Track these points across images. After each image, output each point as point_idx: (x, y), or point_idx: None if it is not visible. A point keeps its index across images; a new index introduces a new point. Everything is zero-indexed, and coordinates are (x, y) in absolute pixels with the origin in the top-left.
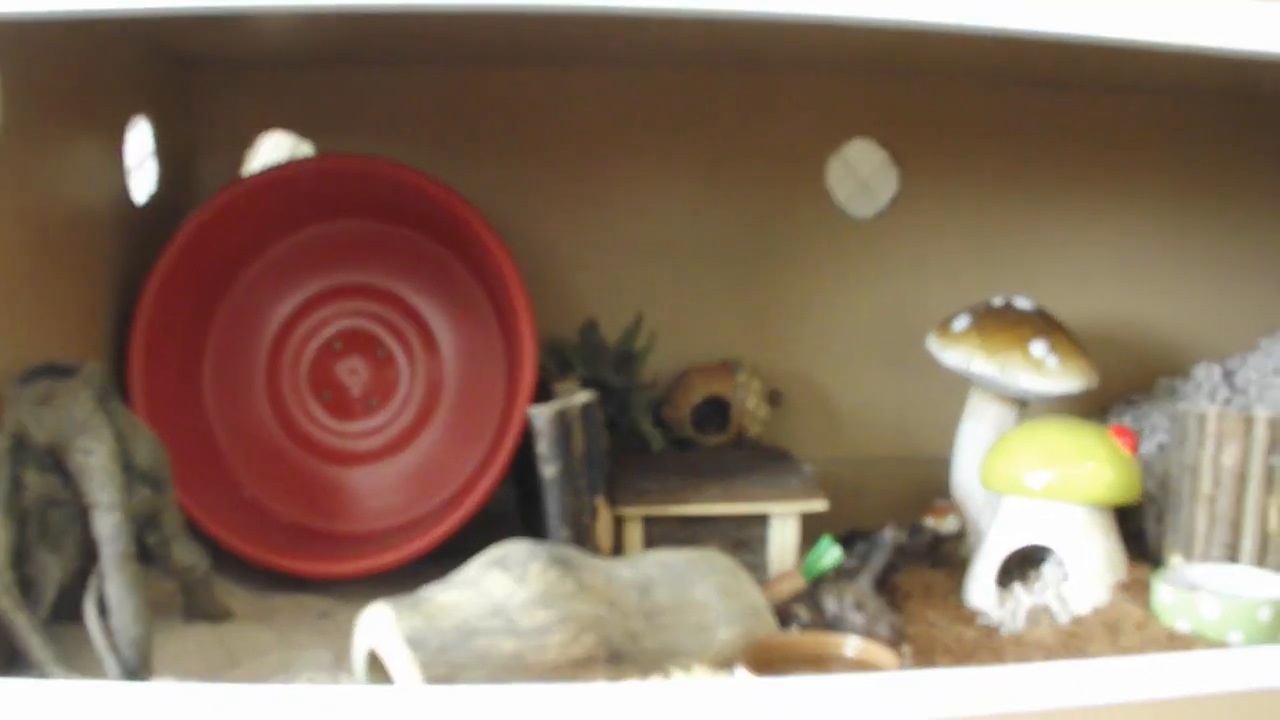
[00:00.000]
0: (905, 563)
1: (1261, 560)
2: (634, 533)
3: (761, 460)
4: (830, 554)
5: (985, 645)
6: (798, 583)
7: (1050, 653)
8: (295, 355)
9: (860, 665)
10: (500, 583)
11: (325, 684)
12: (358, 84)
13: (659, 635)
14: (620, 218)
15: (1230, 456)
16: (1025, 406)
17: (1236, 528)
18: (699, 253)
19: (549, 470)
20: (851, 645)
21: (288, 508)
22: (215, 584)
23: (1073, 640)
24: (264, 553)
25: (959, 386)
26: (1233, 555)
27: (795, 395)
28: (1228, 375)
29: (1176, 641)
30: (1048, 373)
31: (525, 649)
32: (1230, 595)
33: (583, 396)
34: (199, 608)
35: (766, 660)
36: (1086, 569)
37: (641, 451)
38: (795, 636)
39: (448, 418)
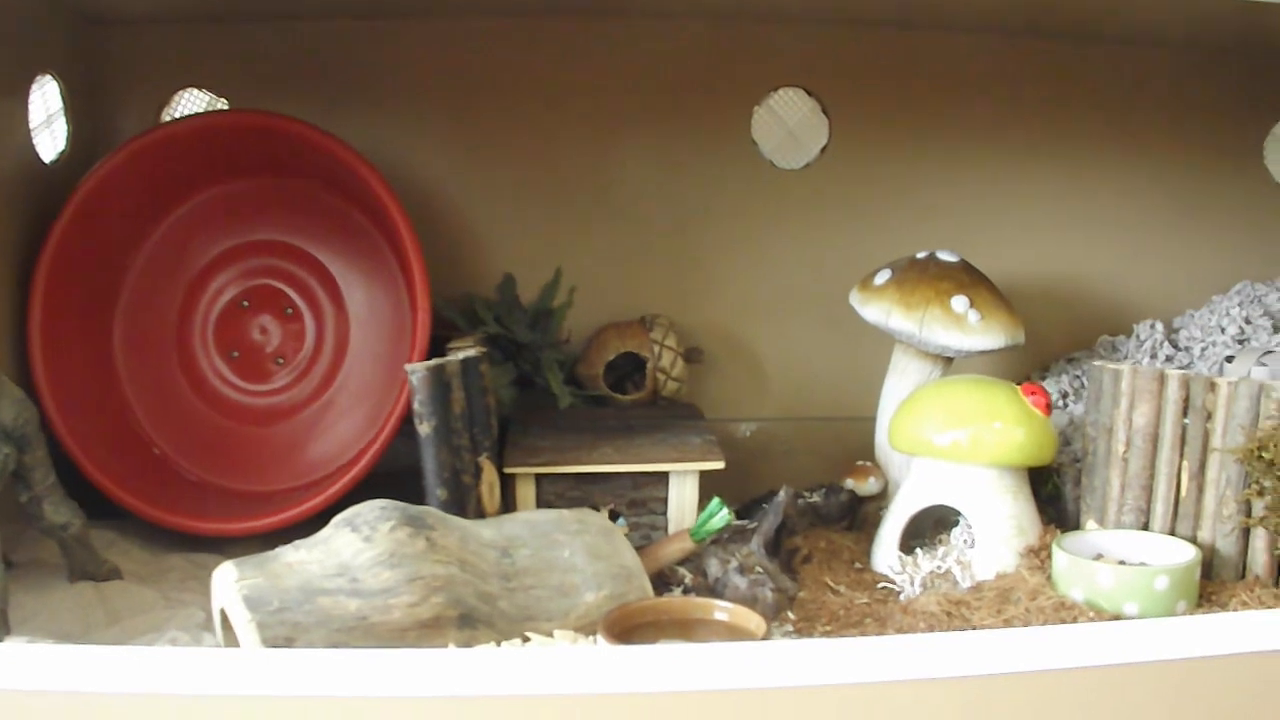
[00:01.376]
0: (819, 524)
1: (1173, 526)
2: (527, 491)
3: (669, 419)
4: (719, 516)
5: (872, 612)
6: (686, 545)
7: (934, 622)
8: (204, 314)
9: (729, 630)
10: (348, 542)
11: (185, 645)
12: (269, 40)
13: (518, 598)
14: (543, 173)
15: (1142, 416)
16: (950, 363)
17: (1149, 491)
18: (623, 207)
19: (423, 427)
20: (721, 610)
21: (196, 467)
22: (107, 543)
23: (958, 609)
24: (161, 512)
25: (889, 343)
26: (1145, 520)
27: (723, 353)
28: (1172, 333)
29: (1064, 612)
30: (968, 329)
31: (369, 610)
32: (1124, 564)
33: (467, 353)
34: (79, 566)
35: (630, 626)
36: (992, 533)
37: (550, 409)
38: (661, 601)
39: (354, 375)
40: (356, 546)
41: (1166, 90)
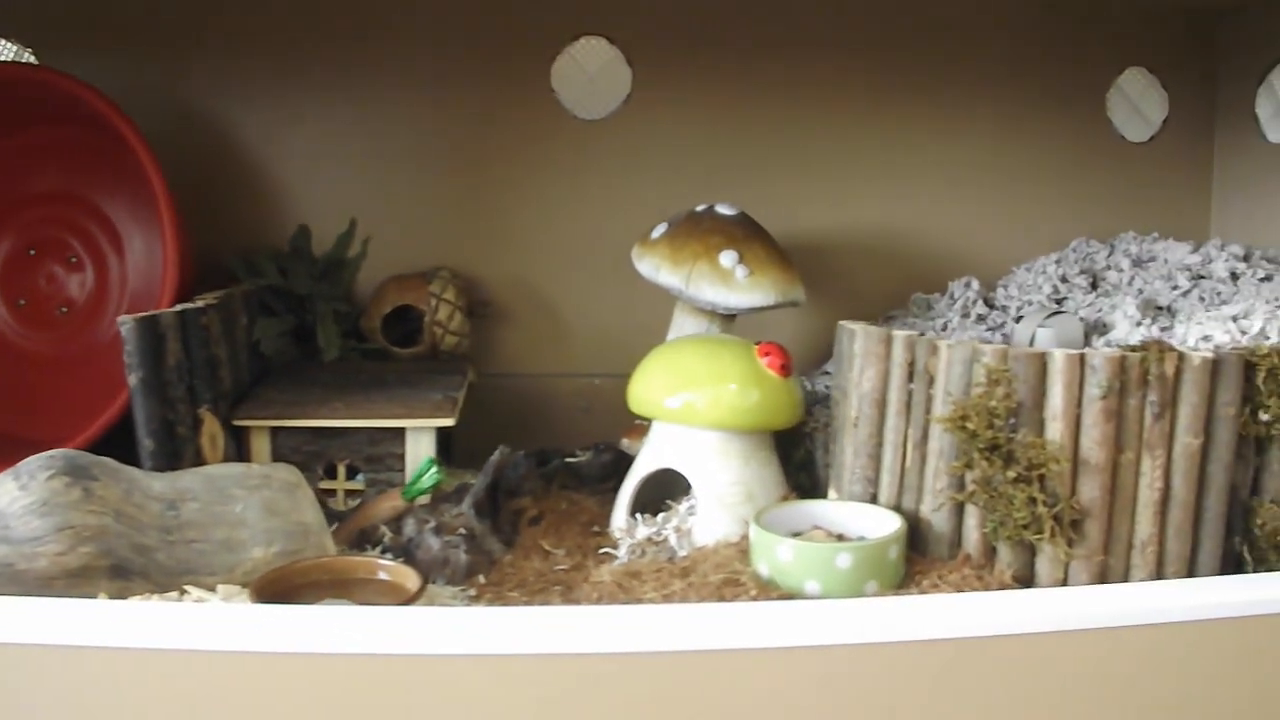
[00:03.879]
0: (577, 485)
1: (899, 499)
2: (261, 445)
3: (431, 374)
4: (429, 475)
5: (565, 580)
6: (397, 503)
7: (605, 593)
8: None
9: (389, 589)
10: (7, 490)
11: None
12: None
13: (178, 551)
14: (338, 122)
15: (869, 380)
16: (730, 320)
17: (877, 461)
18: (422, 159)
19: (132, 378)
20: (383, 569)
21: None
22: None
23: (630, 580)
24: None
25: None
26: (874, 491)
27: (521, 307)
28: (990, 292)
29: (728, 589)
30: (735, 285)
31: (16, 557)
32: (804, 541)
33: (191, 305)
34: None
35: (291, 585)
36: (717, 499)
37: (317, 361)
38: (324, 561)
39: None
40: (13, 494)
41: (1005, 41)
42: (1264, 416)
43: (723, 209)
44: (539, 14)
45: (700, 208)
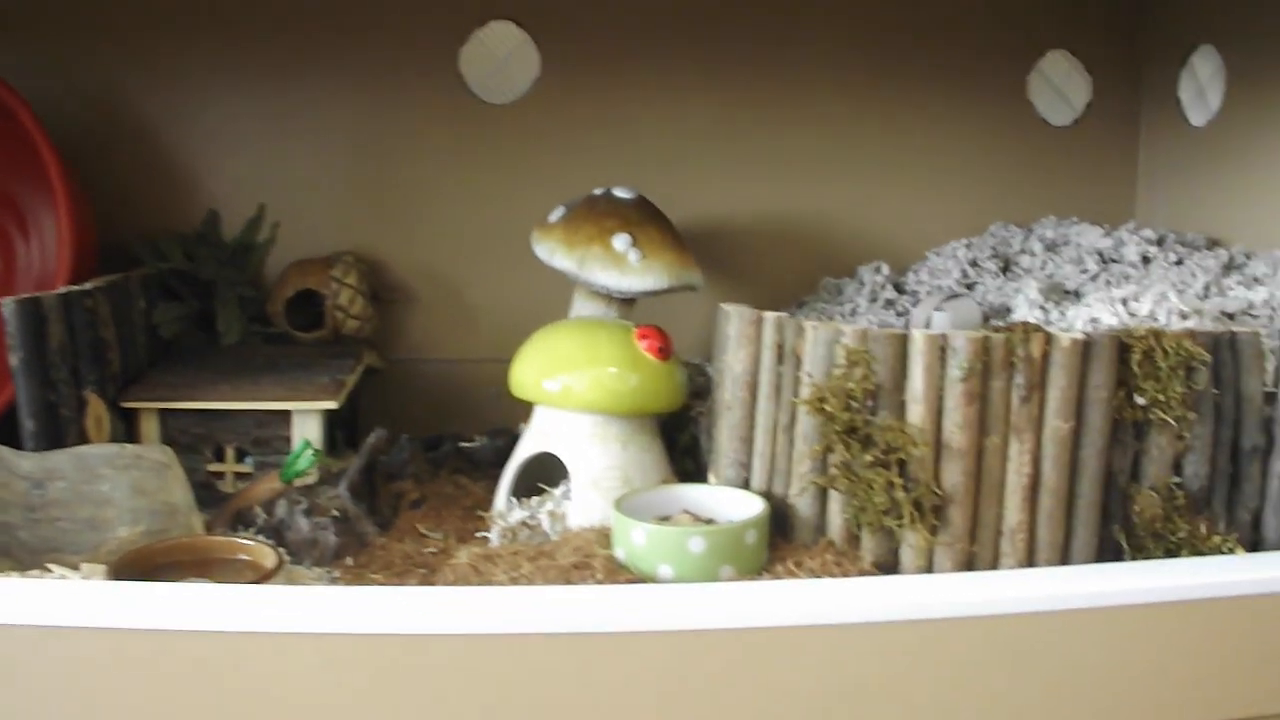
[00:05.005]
0: (470, 469)
1: (769, 483)
2: (150, 427)
3: (324, 358)
4: (305, 456)
5: (429, 563)
6: (275, 485)
7: (461, 576)
8: None
9: (250, 569)
10: None
11: None
12: None
13: (42, 529)
14: (248, 107)
15: (740, 362)
16: (630, 305)
17: (749, 444)
18: (330, 142)
19: (13, 359)
20: (243, 550)
21: None
22: None
23: (486, 564)
24: None
25: None
26: (746, 476)
27: (430, 291)
28: (901, 276)
29: (574, 573)
30: (628, 268)
31: None
32: (658, 525)
33: (75, 288)
34: None
35: (153, 565)
36: (592, 484)
37: (231, 346)
38: (186, 541)
39: None
40: None
41: (923, 22)
42: (1140, 400)
43: (620, 192)
44: None
45: (598, 191)
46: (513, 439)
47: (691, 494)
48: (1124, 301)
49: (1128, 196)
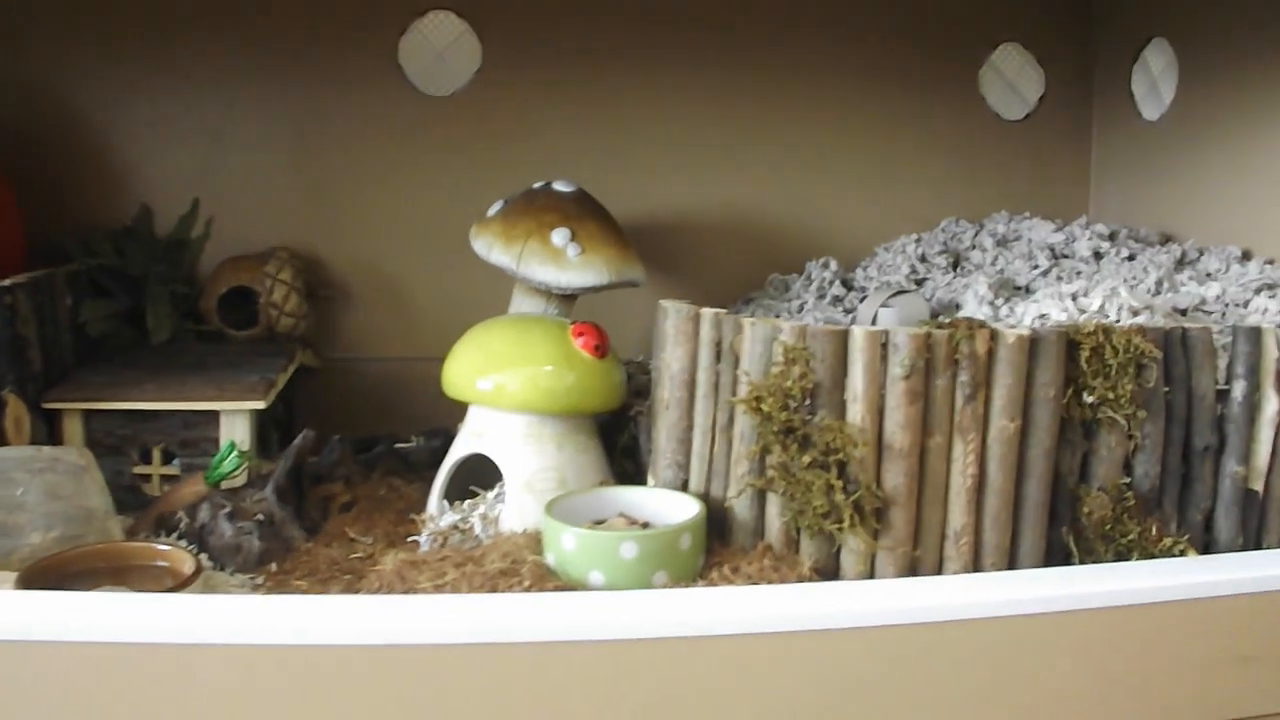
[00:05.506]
0: (405, 470)
1: (707, 484)
2: (74, 428)
3: (256, 356)
4: (230, 459)
5: (355, 569)
6: (200, 488)
7: (386, 583)
8: None
9: (168, 575)
10: None
11: None
12: None
13: None
14: (182, 99)
15: (678, 360)
16: (570, 301)
17: (687, 445)
18: (266, 136)
19: None
20: (161, 556)
21: None
22: None
23: (412, 570)
24: None
25: None
26: (684, 476)
27: (368, 288)
28: (850, 273)
29: (502, 579)
30: (566, 264)
31: None
32: (590, 529)
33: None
34: None
35: (67, 573)
36: (527, 485)
37: (162, 344)
38: (101, 548)
39: None
40: None
41: (874, 15)
42: (1088, 398)
43: (560, 186)
44: None
45: (537, 185)
46: (449, 440)
47: (628, 496)
48: (1074, 297)
49: (1081, 191)
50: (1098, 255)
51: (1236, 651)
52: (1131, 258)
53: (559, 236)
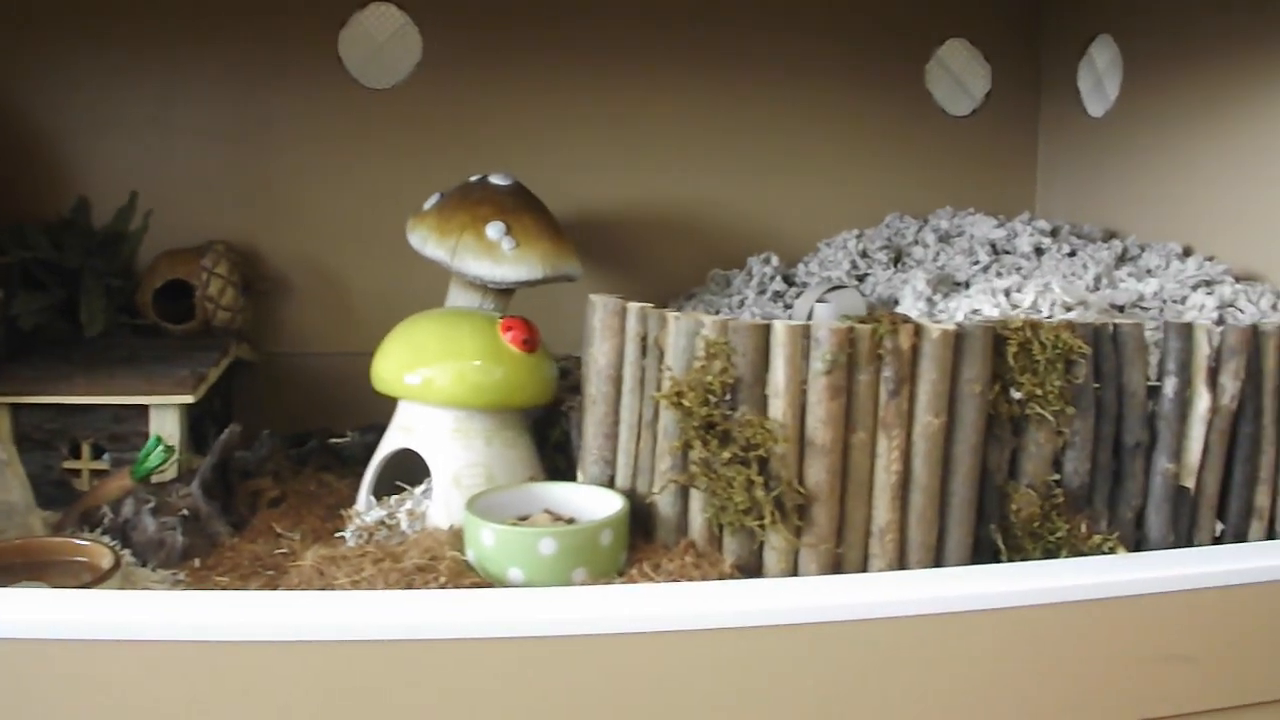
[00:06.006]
0: (338, 465)
1: (633, 480)
2: (1, 421)
3: (189, 350)
4: (155, 453)
5: (278, 564)
6: (125, 483)
7: (305, 579)
8: None
9: (88, 570)
10: None
11: None
12: None
13: None
14: (119, 90)
15: (604, 355)
16: (507, 296)
17: (613, 440)
18: (204, 127)
19: None
20: (80, 551)
21: None
22: None
23: (331, 566)
24: None
25: None
26: (611, 472)
27: (308, 282)
28: (792, 268)
29: (416, 575)
30: (500, 257)
31: None
32: (510, 525)
33: None
34: None
35: None
36: (453, 480)
37: (95, 338)
38: (19, 543)
39: None
40: None
41: (818, 8)
42: (1016, 395)
43: (496, 179)
44: None
45: (474, 178)
46: (383, 434)
47: (554, 492)
48: (1006, 292)
49: (1028, 187)
50: (1039, 251)
51: (1166, 649)
52: (1073, 254)
53: (494, 230)
